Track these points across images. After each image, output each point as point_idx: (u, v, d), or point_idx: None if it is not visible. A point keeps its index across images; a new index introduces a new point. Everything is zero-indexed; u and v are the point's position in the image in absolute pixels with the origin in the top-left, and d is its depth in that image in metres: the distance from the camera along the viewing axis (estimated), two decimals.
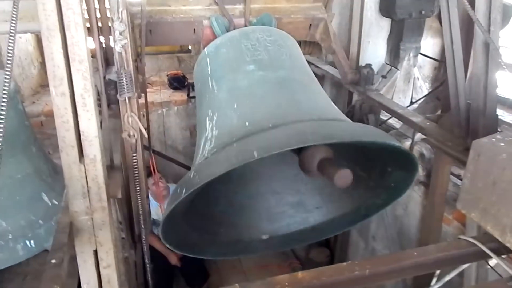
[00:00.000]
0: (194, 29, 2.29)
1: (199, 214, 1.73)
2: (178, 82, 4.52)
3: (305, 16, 2.46)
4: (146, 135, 2.05)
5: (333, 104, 1.89)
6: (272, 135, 1.43)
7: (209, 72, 1.92)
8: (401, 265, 1.26)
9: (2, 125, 1.12)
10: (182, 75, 4.62)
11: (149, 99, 3.52)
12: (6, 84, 1.17)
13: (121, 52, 1.74)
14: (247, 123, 1.60)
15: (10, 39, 1.20)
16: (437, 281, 1.46)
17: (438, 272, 1.45)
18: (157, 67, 5.05)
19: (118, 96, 1.80)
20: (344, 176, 1.29)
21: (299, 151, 1.51)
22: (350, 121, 1.78)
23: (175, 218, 1.48)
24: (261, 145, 1.36)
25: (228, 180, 1.75)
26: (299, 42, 3.44)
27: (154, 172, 2.93)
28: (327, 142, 1.41)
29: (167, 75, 4.68)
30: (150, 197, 2.99)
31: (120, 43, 1.72)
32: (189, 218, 1.64)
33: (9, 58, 1.19)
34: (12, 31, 1.17)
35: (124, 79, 1.76)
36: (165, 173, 4.28)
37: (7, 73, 1.17)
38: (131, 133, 1.87)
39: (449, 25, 1.90)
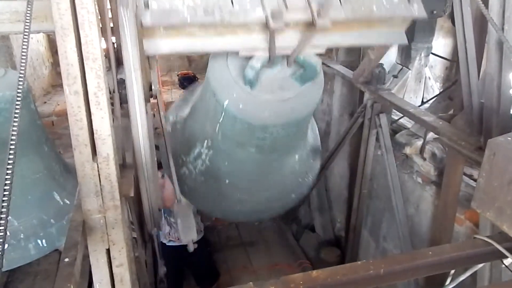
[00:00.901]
0: None
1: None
2: (189, 82, 4.54)
3: None
4: (169, 129, 2.41)
5: (306, 151, 2.72)
6: (233, 210, 2.83)
7: (220, 120, 2.08)
8: (416, 264, 1.24)
9: (16, 124, 1.13)
10: (192, 75, 4.64)
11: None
12: (20, 83, 1.18)
13: None
14: (227, 181, 2.50)
15: (24, 39, 1.21)
16: (451, 281, 1.44)
17: (452, 271, 1.43)
18: (168, 67, 5.08)
19: None
20: None
21: None
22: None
23: None
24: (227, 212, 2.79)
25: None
26: None
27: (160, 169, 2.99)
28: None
29: (177, 75, 4.71)
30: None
31: None
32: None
33: (23, 57, 1.20)
34: (26, 31, 1.19)
35: None
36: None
37: (21, 72, 1.17)
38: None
39: (462, 24, 1.88)
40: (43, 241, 2.06)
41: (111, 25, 2.14)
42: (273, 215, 3.24)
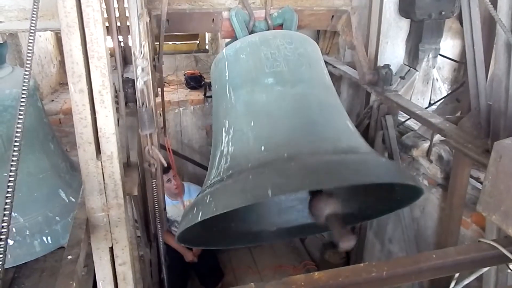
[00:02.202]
0: (213, 19, 2.27)
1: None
2: (195, 82, 4.55)
3: (328, 8, 2.41)
4: (165, 164, 2.10)
5: (348, 123, 1.88)
6: (287, 173, 1.45)
7: (227, 78, 1.92)
8: (420, 267, 1.23)
9: (21, 121, 1.13)
10: (199, 74, 4.64)
11: (166, 98, 3.56)
12: (26, 81, 1.18)
13: (143, 89, 1.74)
14: (262, 148, 1.64)
15: (30, 36, 1.22)
16: (456, 284, 1.43)
17: (457, 275, 1.42)
18: (174, 66, 5.09)
19: (139, 131, 1.84)
20: (347, 241, 1.34)
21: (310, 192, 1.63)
22: (365, 145, 1.78)
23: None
24: (276, 182, 1.41)
25: None
26: (317, 38, 3.44)
27: (172, 169, 2.97)
28: (340, 185, 1.55)
29: (184, 75, 4.72)
30: (165, 195, 3.00)
31: (142, 80, 1.71)
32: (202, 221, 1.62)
33: (29, 55, 1.21)
34: (32, 28, 1.19)
35: (146, 116, 1.77)
36: (181, 171, 4.31)
37: (27, 69, 1.18)
38: (152, 162, 1.93)
39: (470, 25, 1.86)
40: (49, 238, 2.07)
41: (118, 24, 2.16)
42: (347, 180, 1.53)
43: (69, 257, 1.15)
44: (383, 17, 2.74)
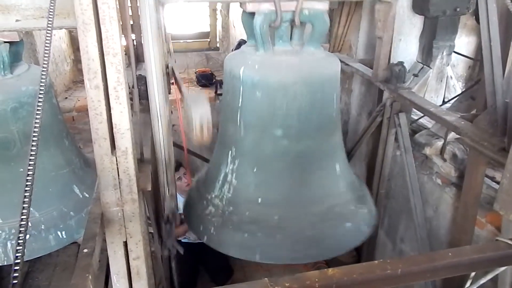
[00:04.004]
0: None
1: None
2: (206, 80, 4.56)
3: None
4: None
5: (338, 168, 2.16)
6: (273, 243, 1.96)
7: (239, 105, 1.98)
8: (435, 265, 1.21)
9: (39, 117, 1.15)
10: (210, 72, 4.66)
11: (177, 96, 3.57)
12: (43, 78, 1.20)
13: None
14: (259, 200, 2.01)
15: (47, 34, 1.24)
16: (471, 284, 1.41)
17: (473, 274, 1.40)
18: (185, 64, 5.11)
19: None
20: None
21: None
22: (346, 193, 2.17)
23: None
24: (263, 250, 1.96)
25: None
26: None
27: (186, 168, 2.98)
28: (321, 259, 2.04)
29: (195, 73, 4.74)
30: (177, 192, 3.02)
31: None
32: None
33: (46, 52, 1.22)
34: (49, 26, 1.21)
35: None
36: (190, 168, 4.33)
37: (44, 66, 1.20)
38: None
39: (487, 21, 1.83)
40: (63, 232, 2.10)
41: (131, 22, 2.17)
42: (328, 254, 2.14)
43: (85, 250, 1.16)
44: (397, 14, 2.72)
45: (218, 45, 5.43)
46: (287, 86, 1.90)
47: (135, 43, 2.43)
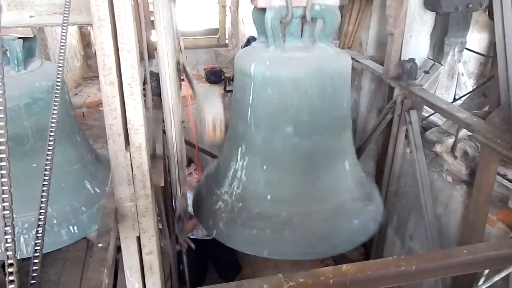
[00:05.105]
0: None
1: None
2: (215, 76, 4.57)
3: None
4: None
5: (347, 165, 2.15)
6: (282, 239, 1.99)
7: (250, 102, 1.97)
8: (449, 262, 1.21)
9: (55, 112, 1.16)
10: (219, 69, 4.66)
11: (186, 93, 3.58)
12: (60, 73, 1.21)
13: None
14: (269, 197, 2.02)
15: (63, 30, 1.25)
16: (484, 281, 1.40)
17: (486, 271, 1.39)
18: (194, 61, 5.12)
19: None
20: None
21: None
22: (353, 191, 2.16)
23: None
24: (272, 247, 2.01)
25: None
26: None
27: (196, 164, 2.99)
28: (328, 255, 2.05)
29: (204, 69, 4.74)
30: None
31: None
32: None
33: (62, 49, 1.24)
34: (65, 23, 1.22)
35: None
36: (200, 164, 4.34)
37: (60, 63, 1.21)
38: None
39: (501, 17, 1.81)
40: (75, 227, 2.12)
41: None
42: (336, 250, 2.13)
43: (100, 245, 1.17)
44: (408, 11, 2.70)
45: (227, 42, 5.43)
46: (298, 83, 1.89)
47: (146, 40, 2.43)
